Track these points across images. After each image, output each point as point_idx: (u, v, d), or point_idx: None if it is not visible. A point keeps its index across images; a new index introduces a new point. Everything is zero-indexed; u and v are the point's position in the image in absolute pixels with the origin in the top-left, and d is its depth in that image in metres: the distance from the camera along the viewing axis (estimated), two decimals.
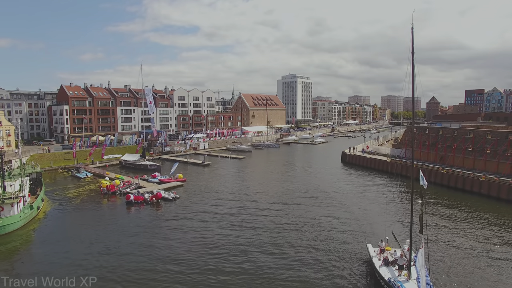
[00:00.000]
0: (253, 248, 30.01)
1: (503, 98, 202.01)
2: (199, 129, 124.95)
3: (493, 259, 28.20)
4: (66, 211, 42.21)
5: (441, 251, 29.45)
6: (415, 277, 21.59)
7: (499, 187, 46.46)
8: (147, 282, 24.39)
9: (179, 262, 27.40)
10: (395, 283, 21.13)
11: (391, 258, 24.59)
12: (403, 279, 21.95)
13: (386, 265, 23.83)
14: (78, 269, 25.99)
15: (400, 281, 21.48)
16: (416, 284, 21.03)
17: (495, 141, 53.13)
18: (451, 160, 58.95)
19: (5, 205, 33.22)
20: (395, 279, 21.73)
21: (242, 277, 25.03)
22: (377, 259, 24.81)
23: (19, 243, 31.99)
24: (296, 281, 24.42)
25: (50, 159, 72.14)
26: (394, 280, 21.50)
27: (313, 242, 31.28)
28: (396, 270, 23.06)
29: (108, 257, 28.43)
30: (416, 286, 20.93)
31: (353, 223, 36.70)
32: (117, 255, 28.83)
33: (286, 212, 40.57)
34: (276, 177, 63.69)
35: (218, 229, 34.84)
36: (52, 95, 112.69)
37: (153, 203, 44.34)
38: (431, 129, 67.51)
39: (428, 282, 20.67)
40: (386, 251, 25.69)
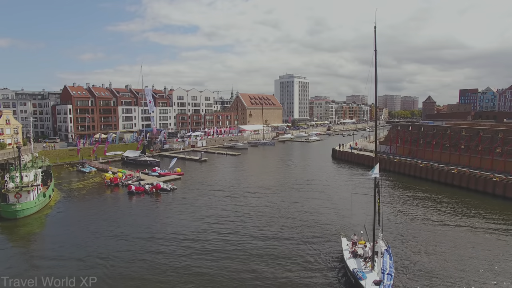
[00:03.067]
0: (240, 230, 34.45)
1: (496, 98, 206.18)
2: (198, 128, 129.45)
3: (455, 248, 29.60)
4: (73, 200, 46.83)
5: (407, 242, 31.00)
6: (380, 268, 22.61)
7: (468, 179, 50.90)
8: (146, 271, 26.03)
9: (175, 247, 30.72)
10: (357, 273, 22.06)
11: (360, 251, 25.33)
12: (367, 270, 22.86)
13: (355, 258, 24.67)
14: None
15: (363, 272, 22.37)
16: (377, 274, 22.10)
17: (468, 137, 57.58)
18: (421, 153, 64.74)
19: (23, 192, 37.76)
20: (358, 270, 22.65)
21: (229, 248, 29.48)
22: (347, 252, 25.66)
23: (35, 225, 36.57)
24: (266, 272, 25.57)
25: (56, 155, 76.58)
26: (358, 271, 22.45)
27: (291, 234, 32.88)
28: (363, 261, 23.96)
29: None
30: (377, 276, 21.94)
31: (333, 216, 38.12)
32: (117, 246, 30.33)
33: (272, 201, 44.96)
34: (267, 171, 68.12)
35: (211, 212, 39.38)
36: (56, 95, 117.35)
37: (153, 193, 48.84)
38: (413, 127, 72.05)
39: (390, 273, 21.90)
40: (359, 245, 26.39)
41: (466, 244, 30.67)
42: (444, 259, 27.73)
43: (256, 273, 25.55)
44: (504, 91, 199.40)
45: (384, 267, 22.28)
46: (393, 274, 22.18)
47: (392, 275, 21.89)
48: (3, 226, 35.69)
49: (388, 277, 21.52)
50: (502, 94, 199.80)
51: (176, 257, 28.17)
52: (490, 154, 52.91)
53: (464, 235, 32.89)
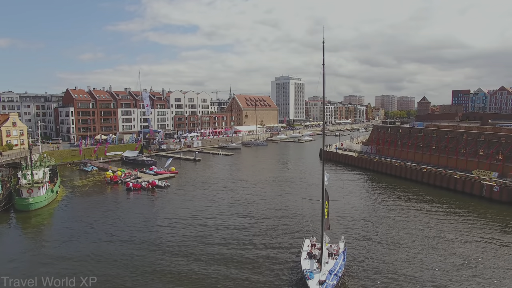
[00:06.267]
0: (221, 217, 39.77)
1: (487, 98, 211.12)
2: (194, 129, 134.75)
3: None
4: (77, 195, 52.22)
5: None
6: (328, 268, 23.66)
7: (435, 176, 56.17)
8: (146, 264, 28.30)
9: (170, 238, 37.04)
10: (306, 273, 23.25)
11: (316, 252, 26.11)
12: (316, 269, 23.75)
13: (310, 259, 25.48)
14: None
15: (311, 271, 23.30)
16: (325, 274, 22.97)
17: (438, 138, 62.89)
18: (398, 153, 70.59)
19: (34, 188, 43.15)
20: (308, 270, 23.62)
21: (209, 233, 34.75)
22: (305, 253, 26.36)
23: (45, 216, 42.00)
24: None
25: (59, 155, 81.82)
26: (307, 271, 23.51)
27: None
28: (316, 262, 24.79)
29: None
30: (324, 275, 22.79)
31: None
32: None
33: (251, 197, 50.29)
34: (256, 170, 73.41)
35: (200, 204, 44.74)
36: (58, 97, 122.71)
37: (149, 189, 54.17)
38: (392, 128, 77.40)
39: (337, 273, 23.03)
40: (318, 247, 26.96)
41: (422, 235, 35.90)
42: (400, 254, 29.93)
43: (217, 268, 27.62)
44: (495, 92, 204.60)
45: (334, 268, 23.58)
46: (340, 275, 23.32)
47: (338, 275, 22.98)
48: (18, 217, 41.40)
49: (334, 277, 22.56)
50: (493, 95, 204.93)
51: (173, 249, 33.29)
52: (455, 154, 58.23)
53: (422, 228, 38.13)
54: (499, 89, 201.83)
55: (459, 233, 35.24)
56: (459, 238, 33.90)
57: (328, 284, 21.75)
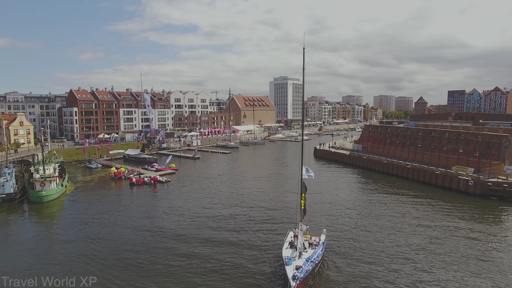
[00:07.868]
0: (212, 211, 43.65)
1: (482, 99, 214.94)
2: (194, 128, 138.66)
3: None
4: (84, 189, 56.16)
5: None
6: (307, 256, 25.08)
7: (418, 172, 60.02)
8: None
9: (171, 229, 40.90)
10: (285, 260, 24.74)
11: (297, 242, 26.95)
12: (295, 257, 24.98)
13: (291, 248, 26.83)
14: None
15: (290, 259, 24.54)
16: (302, 261, 24.36)
17: (423, 137, 66.78)
18: (387, 151, 74.54)
19: (46, 182, 47.14)
20: (287, 257, 24.99)
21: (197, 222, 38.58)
22: (287, 243, 27.76)
23: (56, 208, 45.95)
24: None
25: (64, 153, 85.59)
26: (286, 258, 24.96)
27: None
28: (296, 251, 26.02)
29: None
30: (301, 261, 24.17)
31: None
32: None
33: (246, 190, 54.17)
34: (252, 166, 77.38)
35: (198, 197, 48.64)
36: (62, 98, 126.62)
37: (151, 184, 58.06)
38: (381, 128, 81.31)
39: (314, 261, 24.56)
40: (305, 238, 28.18)
41: (401, 227, 39.80)
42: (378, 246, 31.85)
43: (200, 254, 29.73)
44: (489, 92, 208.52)
45: (311, 256, 25.22)
46: (317, 262, 25.09)
47: (315, 263, 24.64)
48: (32, 208, 45.53)
49: (311, 264, 24.09)
50: (487, 95, 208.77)
51: (173, 245, 37.23)
52: (438, 152, 62.12)
53: (399, 220, 42.03)
54: (493, 89, 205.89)
55: (435, 221, 38.94)
56: (434, 225, 37.52)
57: (303, 269, 23.20)
